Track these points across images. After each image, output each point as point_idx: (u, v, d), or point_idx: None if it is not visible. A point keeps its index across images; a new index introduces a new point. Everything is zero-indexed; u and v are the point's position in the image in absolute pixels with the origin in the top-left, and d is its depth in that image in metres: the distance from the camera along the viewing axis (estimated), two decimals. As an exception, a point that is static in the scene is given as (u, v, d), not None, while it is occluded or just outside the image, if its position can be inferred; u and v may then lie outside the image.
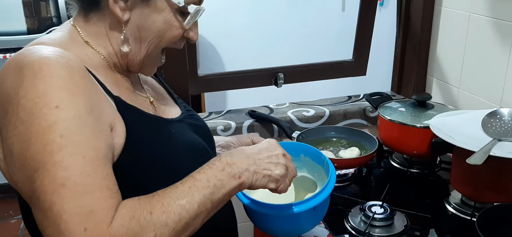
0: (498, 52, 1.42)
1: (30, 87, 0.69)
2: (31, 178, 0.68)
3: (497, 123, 1.21)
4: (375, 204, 1.21)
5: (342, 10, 3.49)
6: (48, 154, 0.67)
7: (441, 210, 1.26)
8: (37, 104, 0.68)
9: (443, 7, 1.66)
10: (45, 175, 0.67)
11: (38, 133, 0.68)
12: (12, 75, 0.72)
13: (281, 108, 1.75)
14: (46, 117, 0.68)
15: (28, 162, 0.68)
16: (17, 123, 0.69)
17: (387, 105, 1.54)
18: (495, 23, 1.43)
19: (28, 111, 0.69)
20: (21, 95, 0.69)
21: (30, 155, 0.68)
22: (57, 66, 0.72)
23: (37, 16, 2.88)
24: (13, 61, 0.74)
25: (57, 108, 0.69)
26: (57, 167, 0.67)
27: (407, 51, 1.85)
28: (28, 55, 0.73)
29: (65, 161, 0.68)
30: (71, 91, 0.72)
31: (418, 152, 1.42)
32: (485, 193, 1.19)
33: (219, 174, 0.79)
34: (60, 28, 0.88)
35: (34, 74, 0.70)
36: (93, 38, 0.86)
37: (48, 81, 0.70)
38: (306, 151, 1.08)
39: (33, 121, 0.68)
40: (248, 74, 1.77)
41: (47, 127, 0.68)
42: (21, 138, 0.69)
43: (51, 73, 0.71)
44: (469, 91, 1.57)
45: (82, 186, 0.68)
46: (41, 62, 0.71)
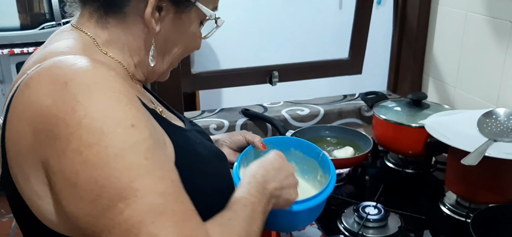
0: (495, 51, 1.41)
1: (92, 104, 0.58)
2: (114, 209, 0.57)
3: (492, 123, 1.20)
4: (369, 204, 1.19)
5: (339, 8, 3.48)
6: (137, 179, 0.58)
7: (435, 211, 1.25)
8: (107, 123, 0.58)
9: (440, 6, 1.64)
10: (138, 203, 0.57)
11: (118, 157, 0.58)
12: (52, 93, 0.60)
13: (275, 107, 1.73)
14: (124, 138, 0.59)
15: (108, 190, 0.57)
16: (81, 148, 0.57)
17: (382, 104, 1.52)
18: (491, 22, 1.41)
19: (97, 132, 0.58)
20: (80, 114, 0.58)
21: (111, 182, 0.57)
22: (111, 76, 0.63)
23: (30, 12, 2.86)
24: (46, 76, 0.62)
25: (133, 127, 0.60)
26: (152, 193, 0.58)
27: (403, 50, 1.83)
28: (66, 67, 0.62)
29: (158, 186, 0.59)
30: (136, 107, 0.63)
31: (413, 152, 1.40)
32: (480, 194, 1.17)
33: (263, 199, 0.80)
34: (65, 36, 0.75)
35: (91, 88, 0.60)
36: (109, 46, 0.76)
37: (109, 96, 0.60)
38: (296, 144, 1.07)
39: (108, 143, 0.58)
40: (243, 72, 1.75)
41: (129, 149, 0.58)
42: (91, 165, 0.57)
43: (109, 86, 0.61)
44: (465, 91, 1.56)
45: (180, 213, 0.60)
46: (93, 73, 0.61)
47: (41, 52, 0.72)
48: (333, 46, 2.50)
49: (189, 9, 0.78)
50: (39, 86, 0.61)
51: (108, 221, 0.57)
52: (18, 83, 0.66)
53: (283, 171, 0.87)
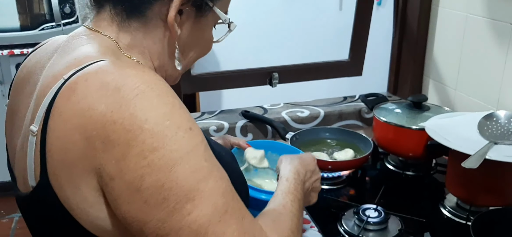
0: (495, 53, 1.41)
1: (152, 109, 0.59)
2: (181, 210, 0.58)
3: (493, 126, 1.20)
4: (369, 207, 1.19)
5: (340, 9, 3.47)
6: (202, 181, 0.60)
7: (436, 214, 1.24)
8: (169, 127, 0.59)
9: (440, 8, 1.64)
10: (205, 204, 0.59)
11: (183, 160, 0.59)
12: (104, 98, 0.59)
13: (275, 109, 1.73)
14: (186, 141, 0.60)
15: (174, 193, 0.58)
16: (146, 153, 0.57)
17: (382, 106, 1.52)
18: (492, 24, 1.41)
19: (160, 137, 0.58)
20: (141, 119, 0.58)
21: (178, 185, 0.58)
22: (160, 81, 0.63)
23: (30, 13, 2.86)
24: (94, 81, 0.61)
25: (191, 131, 0.61)
26: (215, 194, 0.61)
27: (403, 52, 1.83)
28: (115, 72, 0.62)
29: (219, 186, 0.62)
30: (187, 111, 0.64)
31: (413, 155, 1.40)
32: (481, 197, 1.17)
33: (303, 195, 0.88)
34: (86, 40, 0.73)
35: (145, 94, 0.60)
36: (131, 50, 0.74)
37: (166, 100, 0.61)
38: (272, 148, 1.16)
39: (172, 147, 0.58)
40: (243, 73, 1.75)
41: (190, 152, 0.60)
42: (157, 169, 0.58)
43: (163, 90, 0.62)
44: (466, 93, 1.55)
45: (239, 210, 0.64)
46: (142, 78, 0.61)
47: (69, 56, 0.69)
48: (333, 47, 2.50)
49: (207, 13, 0.77)
50: (88, 92, 0.60)
51: (176, 223, 0.59)
52: (55, 88, 0.64)
53: (315, 174, 0.96)
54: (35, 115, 0.65)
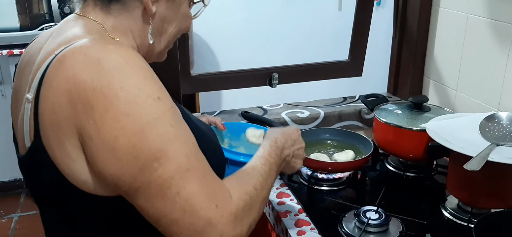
0: (496, 54, 1.40)
1: (126, 79, 0.68)
2: (149, 168, 0.68)
3: (495, 127, 1.19)
4: (370, 209, 1.18)
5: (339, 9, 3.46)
6: (167, 143, 0.69)
7: (437, 216, 1.23)
8: (139, 96, 0.68)
9: (441, 8, 1.63)
10: (169, 163, 0.69)
11: (150, 124, 0.68)
12: (88, 67, 0.68)
13: (275, 109, 1.72)
14: (152, 108, 0.69)
15: (144, 152, 0.68)
16: (119, 117, 0.67)
17: (383, 107, 1.51)
18: (493, 25, 1.40)
19: (132, 104, 0.67)
20: (117, 87, 0.67)
21: (146, 145, 0.68)
22: (135, 56, 0.72)
23: (29, 12, 2.85)
24: (79, 54, 0.70)
25: (159, 100, 0.70)
26: (179, 154, 0.70)
27: (403, 52, 1.82)
28: (97, 46, 0.71)
29: (183, 149, 0.71)
30: (158, 81, 0.73)
31: (414, 156, 1.39)
32: (482, 199, 1.16)
33: (278, 160, 0.96)
34: (77, 24, 0.82)
35: (121, 66, 0.69)
36: (116, 32, 0.83)
37: (139, 72, 0.70)
38: (246, 130, 1.24)
39: (141, 112, 0.68)
40: (242, 74, 1.74)
41: (157, 118, 0.69)
42: (130, 131, 0.67)
43: (138, 64, 0.71)
44: (467, 94, 1.54)
45: (200, 169, 0.73)
46: (122, 53, 0.71)
47: (60, 38, 0.79)
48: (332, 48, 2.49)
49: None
50: (73, 63, 0.70)
51: (145, 178, 0.69)
52: (48, 61, 0.74)
53: (297, 143, 1.04)
54: (30, 85, 0.76)
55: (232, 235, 0.73)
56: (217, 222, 0.71)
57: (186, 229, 0.70)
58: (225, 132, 1.29)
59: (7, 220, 3.08)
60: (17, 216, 3.12)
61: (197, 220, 0.70)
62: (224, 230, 0.72)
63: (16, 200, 3.32)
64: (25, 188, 3.46)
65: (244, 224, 0.76)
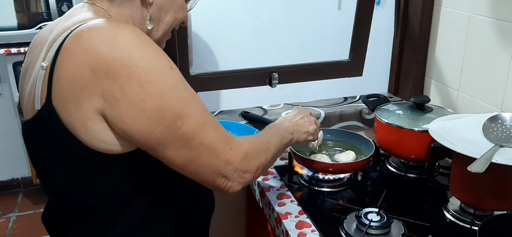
0: (499, 54, 1.38)
1: (143, 52, 0.79)
2: (175, 125, 0.81)
3: (498, 128, 1.17)
4: (371, 211, 1.16)
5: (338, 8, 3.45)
6: (186, 105, 0.82)
7: (439, 218, 1.22)
8: (156, 66, 0.79)
9: (443, 7, 1.62)
10: (191, 119, 0.82)
11: (170, 90, 0.80)
12: (106, 42, 0.78)
13: (275, 109, 1.70)
14: (170, 77, 0.81)
15: (170, 113, 0.80)
16: (143, 83, 0.77)
17: (384, 107, 1.50)
18: (496, 24, 1.38)
19: (152, 73, 0.78)
20: (136, 58, 0.77)
21: (170, 107, 0.80)
22: (144, 34, 0.82)
23: (27, 11, 2.84)
24: (93, 31, 0.79)
25: (171, 69, 0.81)
26: (197, 112, 0.84)
27: (405, 52, 1.80)
28: (111, 25, 0.80)
29: (198, 108, 0.84)
30: (167, 55, 0.83)
31: (416, 157, 1.37)
32: (486, 201, 1.15)
33: (282, 131, 1.13)
34: (85, 9, 0.91)
35: (136, 41, 0.79)
36: (119, 18, 0.92)
37: (152, 47, 0.81)
38: (238, 130, 1.32)
39: (162, 80, 0.79)
40: (242, 73, 1.72)
41: (176, 84, 0.81)
42: (154, 95, 0.78)
43: (149, 40, 0.82)
44: (469, 94, 1.53)
45: (214, 123, 0.87)
46: (134, 30, 0.81)
47: (71, 20, 0.88)
48: (332, 47, 2.47)
49: None
50: (91, 36, 0.79)
51: (172, 133, 0.82)
52: (64, 35, 0.82)
53: (298, 115, 1.24)
54: (45, 56, 0.85)
55: (243, 168, 0.90)
56: (233, 160, 0.88)
57: (210, 167, 0.86)
58: None
59: (5, 219, 3.07)
60: (15, 216, 3.11)
61: (218, 161, 0.86)
62: (238, 166, 0.89)
63: (14, 199, 3.30)
64: (22, 187, 3.44)
65: (253, 164, 0.93)
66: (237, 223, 1.72)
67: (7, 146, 3.23)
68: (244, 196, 1.66)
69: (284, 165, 1.46)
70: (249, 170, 0.92)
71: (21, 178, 3.44)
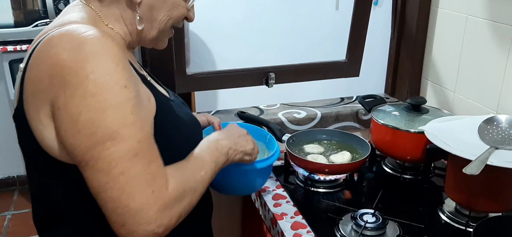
0: (496, 56, 1.38)
1: (99, 65, 0.76)
2: (102, 145, 0.76)
3: (494, 130, 1.17)
4: (367, 212, 1.16)
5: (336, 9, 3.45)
6: (124, 127, 0.77)
7: (434, 219, 1.22)
8: (108, 81, 0.76)
9: (440, 8, 1.62)
10: (122, 144, 0.77)
11: (113, 107, 0.76)
12: (69, 49, 0.77)
13: (271, 109, 1.70)
14: (118, 94, 0.77)
15: (101, 130, 0.76)
16: (87, 95, 0.75)
17: (380, 108, 1.50)
18: (493, 26, 1.39)
19: (99, 86, 0.76)
20: (89, 70, 0.75)
21: (105, 125, 0.76)
22: (112, 46, 0.80)
23: (24, 9, 2.83)
24: (66, 36, 0.79)
25: (125, 88, 0.78)
26: (132, 139, 0.78)
27: (401, 53, 1.80)
28: (83, 33, 0.79)
29: (137, 135, 0.79)
30: (128, 72, 0.80)
31: (411, 158, 1.38)
32: (481, 202, 1.15)
33: (215, 152, 1.00)
34: (77, 8, 0.91)
35: (98, 52, 0.77)
36: (108, 18, 0.92)
37: (112, 61, 0.78)
38: (249, 130, 1.21)
39: (107, 96, 0.76)
40: (238, 73, 1.72)
41: (121, 103, 0.77)
42: (92, 109, 0.75)
43: (114, 53, 0.79)
44: (465, 96, 1.53)
45: (149, 157, 0.80)
46: (101, 41, 0.79)
47: (59, 20, 0.88)
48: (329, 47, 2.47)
49: None
50: (59, 42, 0.78)
51: (97, 153, 0.76)
52: (40, 39, 0.83)
53: (235, 133, 1.09)
54: (25, 58, 0.86)
55: (158, 222, 0.80)
56: (149, 208, 0.79)
57: (121, 207, 0.77)
58: None
59: (0, 217, 3.06)
60: (10, 214, 3.10)
61: (132, 202, 0.77)
62: (153, 216, 0.79)
63: (9, 197, 3.29)
64: (18, 185, 3.43)
65: (174, 213, 0.83)
66: (232, 223, 1.71)
67: (3, 144, 3.22)
68: (240, 196, 1.65)
69: (280, 165, 1.46)
70: (163, 224, 0.81)
71: (16, 176, 3.43)
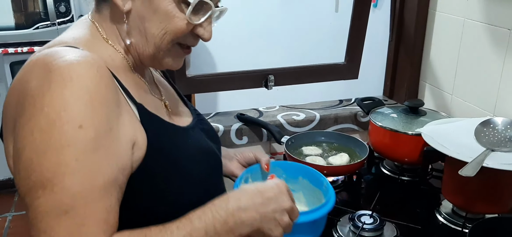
0: (493, 59, 1.40)
1: (57, 97, 0.66)
2: (34, 192, 0.66)
3: (490, 133, 1.19)
4: (365, 213, 1.18)
5: (336, 11, 3.46)
6: (59, 176, 0.65)
7: (431, 220, 1.23)
8: (61, 117, 0.65)
9: (437, 12, 1.63)
10: (51, 197, 0.65)
11: (55, 150, 0.65)
12: (38, 76, 0.68)
13: (271, 111, 1.71)
14: (66, 135, 0.65)
15: (36, 175, 0.65)
16: (35, 130, 0.66)
17: (378, 110, 1.51)
18: (489, 29, 1.40)
19: (50, 122, 0.65)
20: (46, 101, 0.66)
21: (40, 169, 0.65)
22: (86, 76, 0.69)
23: (25, 11, 2.84)
24: (41, 61, 0.70)
25: (80, 128, 0.66)
26: (65, 192, 0.65)
27: (400, 55, 1.82)
28: (57, 58, 0.69)
29: (74, 188, 0.66)
30: (96, 108, 0.68)
31: (409, 160, 1.39)
32: (477, 204, 1.16)
33: (219, 226, 0.75)
34: (80, 24, 0.85)
35: (63, 82, 0.67)
36: (109, 35, 0.84)
37: (75, 93, 0.67)
38: (305, 173, 1.08)
39: (52, 134, 0.65)
40: (238, 75, 1.73)
41: (66, 146, 0.65)
42: (35, 147, 0.66)
43: (80, 84, 0.68)
44: (462, 98, 1.54)
45: (82, 217, 0.66)
46: (71, 69, 0.68)
47: (56, 38, 0.81)
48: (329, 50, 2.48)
49: None
50: (33, 68, 0.70)
51: (29, 200, 0.66)
52: (28, 60, 0.76)
53: (272, 203, 0.80)
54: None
55: None
56: None
57: None
58: (279, 173, 1.11)
59: (1, 219, 3.07)
60: (11, 215, 3.11)
61: None
62: None
63: (10, 199, 3.30)
64: (19, 187, 3.45)
65: None
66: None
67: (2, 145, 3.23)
68: None
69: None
70: None
71: (17, 177, 3.44)
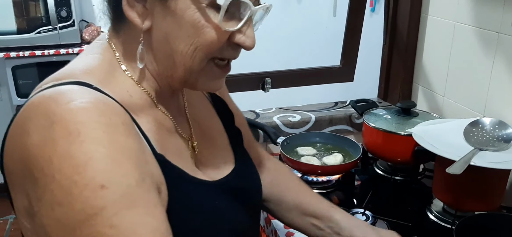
0: (482, 61, 1.43)
1: (66, 158, 0.55)
2: None
3: (478, 133, 1.22)
4: (357, 211, 1.21)
5: (334, 15, 3.50)
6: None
7: (422, 218, 1.27)
8: (76, 183, 0.54)
9: (429, 16, 1.67)
10: None
11: (83, 224, 0.54)
12: (39, 128, 0.57)
13: (267, 113, 1.75)
14: (90, 202, 0.54)
15: None
16: (54, 205, 0.55)
17: (372, 112, 1.54)
18: (479, 33, 1.44)
19: (66, 192, 0.54)
20: (55, 166, 0.55)
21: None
22: (96, 126, 0.57)
23: (26, 16, 2.87)
24: (42, 108, 0.58)
25: (103, 189, 0.55)
26: None
27: (393, 58, 1.85)
28: (61, 104, 0.58)
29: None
30: (116, 160, 0.57)
31: (401, 160, 1.42)
32: (466, 202, 1.20)
33: None
34: (96, 48, 0.72)
35: (70, 137, 0.55)
36: (128, 61, 0.71)
37: (88, 149, 0.55)
38: None
39: (74, 206, 0.54)
40: (235, 78, 1.77)
41: (94, 215, 0.54)
42: (61, 225, 0.55)
43: (91, 138, 0.56)
44: (454, 100, 1.58)
45: None
46: (77, 120, 0.56)
47: (68, 66, 0.69)
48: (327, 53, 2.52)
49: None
50: (34, 116, 0.58)
51: None
52: (30, 95, 0.63)
53: None
54: None
55: None
56: None
57: None
58: None
59: (2, 221, 3.09)
60: (12, 218, 3.13)
61: None
62: None
63: (11, 201, 3.33)
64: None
65: None
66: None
67: (5, 148, 3.25)
68: None
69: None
70: None
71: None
